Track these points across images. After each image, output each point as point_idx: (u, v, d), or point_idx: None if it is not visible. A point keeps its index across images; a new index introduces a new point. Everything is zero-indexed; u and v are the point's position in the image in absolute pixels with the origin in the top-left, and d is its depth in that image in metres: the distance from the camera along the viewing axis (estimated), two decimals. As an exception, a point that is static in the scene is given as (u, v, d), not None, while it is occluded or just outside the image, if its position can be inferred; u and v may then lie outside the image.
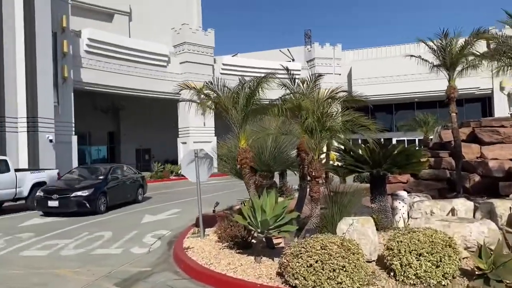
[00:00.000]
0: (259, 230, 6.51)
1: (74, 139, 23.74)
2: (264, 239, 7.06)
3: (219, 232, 7.96)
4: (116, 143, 37.93)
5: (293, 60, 42.98)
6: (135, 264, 7.53)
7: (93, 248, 8.79)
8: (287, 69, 7.83)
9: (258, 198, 6.87)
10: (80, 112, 30.86)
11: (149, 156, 37.84)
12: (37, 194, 13.54)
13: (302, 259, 5.36)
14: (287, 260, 5.56)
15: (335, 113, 6.92)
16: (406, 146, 8.96)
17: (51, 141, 20.66)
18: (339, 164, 9.53)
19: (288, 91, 7.72)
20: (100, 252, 8.46)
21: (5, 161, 14.15)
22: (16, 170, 14.73)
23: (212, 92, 7.38)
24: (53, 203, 12.98)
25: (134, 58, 28.93)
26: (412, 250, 5.47)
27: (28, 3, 19.98)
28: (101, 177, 14.62)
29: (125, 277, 6.75)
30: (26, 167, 19.52)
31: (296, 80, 8.22)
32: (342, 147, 9.12)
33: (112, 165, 16.88)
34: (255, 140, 8.71)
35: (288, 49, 45.68)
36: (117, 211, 14.12)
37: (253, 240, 7.45)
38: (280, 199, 13.49)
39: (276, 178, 14.51)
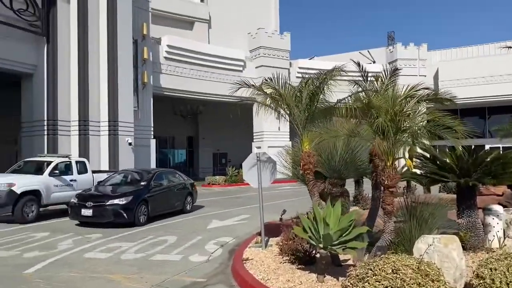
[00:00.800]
0: (321, 246, 5.74)
1: (153, 142, 24.50)
2: (329, 254, 6.27)
3: (281, 244, 7.30)
4: (195, 147, 38.84)
5: (373, 62, 41.01)
6: (190, 274, 7.12)
7: (153, 253, 8.56)
8: (358, 63, 6.95)
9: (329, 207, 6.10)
10: (162, 116, 32.03)
11: (225, 160, 38.22)
12: (71, 200, 12.12)
13: (368, 283, 4.49)
14: (351, 284, 4.73)
15: (412, 112, 5.93)
16: (501, 152, 7.63)
17: (130, 144, 21.43)
18: (419, 172, 8.38)
19: (356, 90, 6.84)
20: (159, 258, 8.20)
21: (83, 162, 14.74)
22: (94, 171, 15.28)
23: (273, 90, 6.74)
24: (86, 212, 11.47)
25: (211, 64, 29.36)
26: (510, 282, 4.37)
27: (112, 12, 20.97)
28: (142, 183, 12.90)
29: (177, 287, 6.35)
30: (107, 168, 20.42)
31: (370, 77, 7.33)
32: (423, 152, 8.00)
33: (157, 170, 15.06)
34: (322, 144, 7.95)
35: (368, 51, 43.78)
36: (188, 215, 14.03)
37: (317, 255, 6.69)
38: (354, 209, 12.46)
39: (352, 186, 13.53)
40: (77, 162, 14.43)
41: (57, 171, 13.35)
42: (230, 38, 35.14)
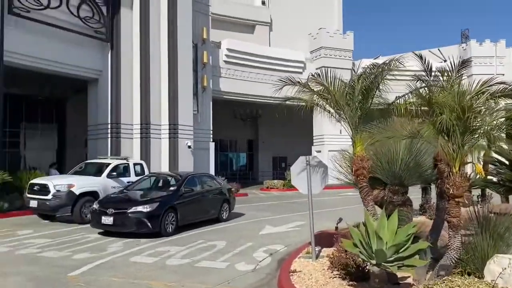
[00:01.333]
0: (373, 262, 5.05)
1: (212, 145, 24.57)
2: (383, 272, 5.54)
3: (331, 256, 6.65)
4: (255, 151, 38.72)
5: (444, 61, 38.51)
6: (233, 284, 6.69)
7: (199, 260, 8.24)
8: (420, 56, 6.15)
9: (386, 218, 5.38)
10: (222, 120, 32.22)
11: (285, 164, 37.70)
12: (92, 206, 11.12)
13: (427, 311, 3.79)
14: (406, 309, 4.04)
15: (486, 108, 5.06)
16: None
17: (189, 147, 21.60)
18: (495, 179, 7.32)
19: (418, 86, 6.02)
20: (204, 265, 7.86)
21: (141, 165, 14.95)
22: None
23: (321, 87, 6.13)
24: (107, 220, 10.28)
25: (270, 66, 29.01)
26: None
27: (172, 18, 21.31)
28: (172, 188, 11.86)
29: (216, 299, 5.93)
30: (168, 171, 20.72)
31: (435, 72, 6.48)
32: (498, 156, 6.95)
33: (189, 173, 13.51)
34: (381, 147, 7.19)
35: (439, 49, 41.24)
36: (234, 220, 13.68)
37: (371, 271, 5.97)
38: (419, 219, 11.36)
39: (416, 193, 12.46)
40: (134, 164, 14.66)
41: (114, 173, 13.60)
42: (291, 40, 34.61)
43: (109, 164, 13.89)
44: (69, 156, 26.33)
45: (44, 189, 12.47)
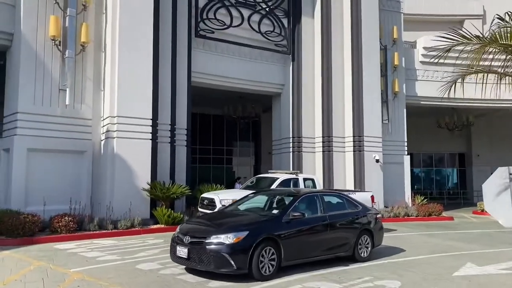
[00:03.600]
0: None
1: (407, 159, 21.39)
2: None
3: None
4: (467, 166, 32.86)
5: None
6: None
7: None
8: None
9: None
10: (421, 130, 28.37)
11: (509, 182, 30.76)
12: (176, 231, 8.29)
13: None
14: None
15: None
16: None
17: (377, 161, 19.13)
18: None
19: None
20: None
21: (312, 180, 13.50)
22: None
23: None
24: (181, 251, 7.63)
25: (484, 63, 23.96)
26: None
27: (356, 21, 19.46)
28: (275, 212, 8.58)
29: None
30: (352, 187, 18.76)
31: None
32: None
33: (305, 192, 9.50)
34: None
35: None
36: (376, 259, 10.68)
37: None
38: None
39: None
40: (304, 179, 13.30)
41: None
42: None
43: (277, 178, 12.86)
44: (263, 171, 27.00)
45: (211, 203, 12.25)
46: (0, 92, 14.31)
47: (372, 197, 14.34)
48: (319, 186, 13.65)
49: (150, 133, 14.04)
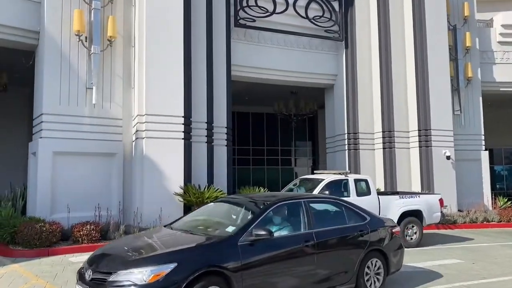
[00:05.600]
0: None
1: (484, 155, 18.37)
2: None
3: None
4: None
5: None
6: None
7: None
8: None
9: None
10: (501, 121, 24.89)
11: None
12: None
13: None
14: None
15: None
16: None
17: (448, 157, 16.47)
18: None
19: None
20: None
21: (365, 181, 11.39)
22: (381, 193, 11.69)
23: None
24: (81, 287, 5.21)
25: None
26: None
27: (418, -4, 17.01)
28: (229, 230, 5.81)
29: None
30: (419, 188, 16.31)
31: None
32: None
33: (278, 199, 6.41)
34: None
35: None
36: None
37: None
38: None
39: None
40: (355, 180, 11.24)
41: (327, 192, 10.57)
42: None
43: (322, 180, 10.99)
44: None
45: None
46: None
47: (441, 200, 12.03)
48: (374, 187, 11.54)
49: (183, 131, 12.76)
